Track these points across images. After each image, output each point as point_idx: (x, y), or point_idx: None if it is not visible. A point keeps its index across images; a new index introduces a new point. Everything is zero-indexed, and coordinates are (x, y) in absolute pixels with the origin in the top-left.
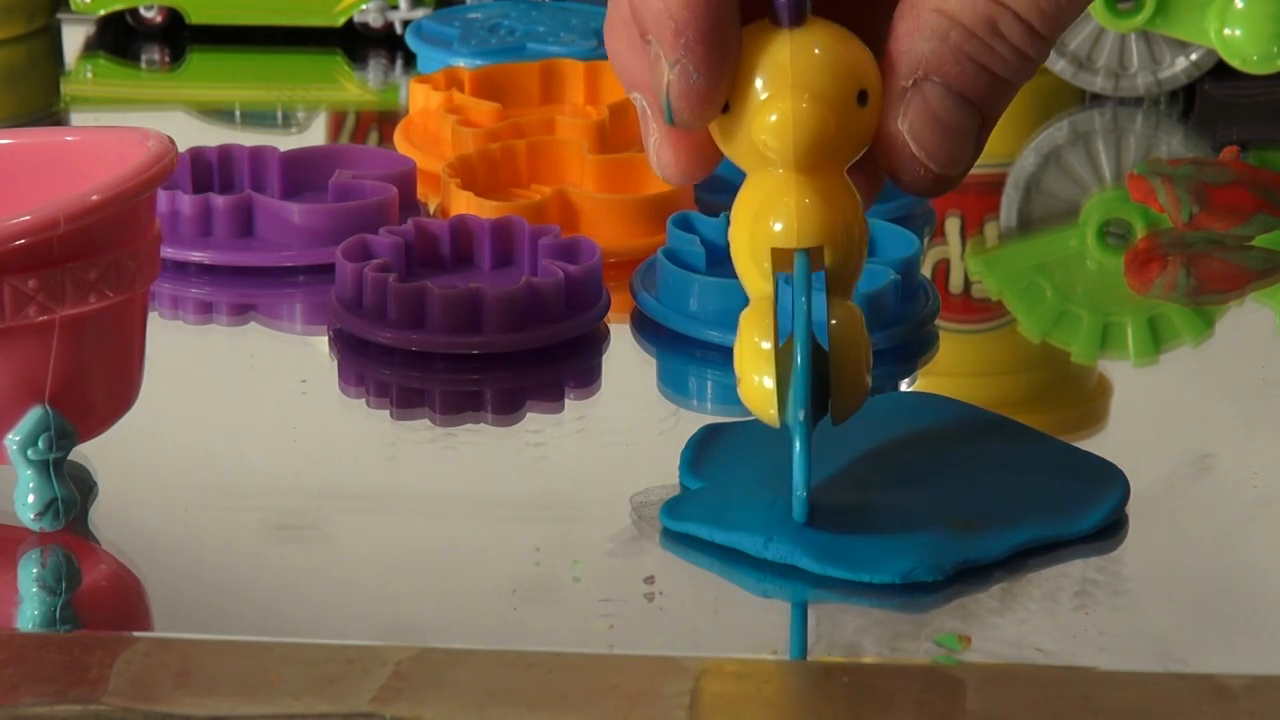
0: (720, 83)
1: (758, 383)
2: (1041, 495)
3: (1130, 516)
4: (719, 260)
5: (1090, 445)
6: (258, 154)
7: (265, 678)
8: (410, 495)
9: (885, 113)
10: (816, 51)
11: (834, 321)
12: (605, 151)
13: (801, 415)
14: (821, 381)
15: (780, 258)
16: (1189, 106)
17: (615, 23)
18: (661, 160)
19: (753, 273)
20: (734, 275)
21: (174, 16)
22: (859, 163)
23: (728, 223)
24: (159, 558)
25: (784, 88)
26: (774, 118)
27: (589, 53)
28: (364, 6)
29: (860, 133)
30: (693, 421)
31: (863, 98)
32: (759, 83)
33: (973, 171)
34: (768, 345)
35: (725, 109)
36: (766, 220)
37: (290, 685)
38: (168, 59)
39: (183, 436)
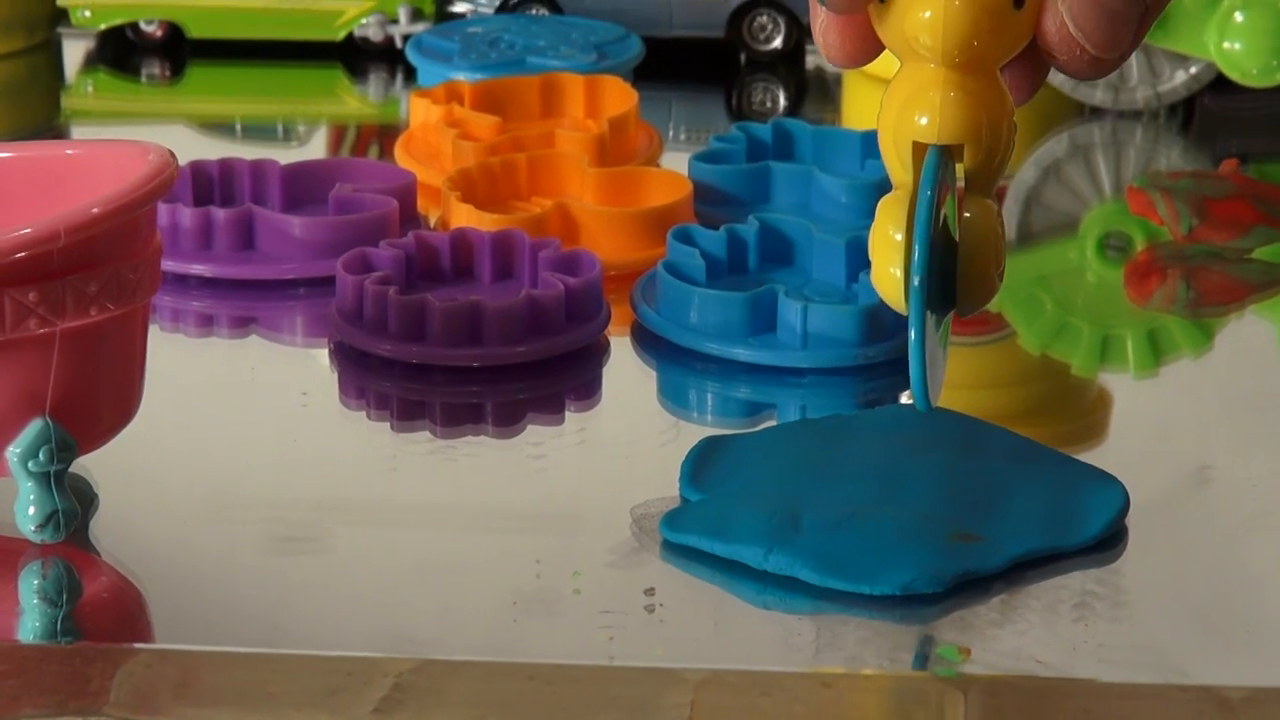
0: None
1: (889, 272)
2: (1041, 507)
3: (1130, 528)
4: (719, 273)
5: (1090, 457)
6: (258, 167)
7: (265, 689)
8: (411, 507)
9: None
10: None
11: (967, 215)
12: (605, 165)
13: (915, 305)
14: (947, 275)
15: (921, 151)
16: (1188, 120)
17: None
18: (827, 42)
19: (894, 162)
20: (733, 288)
21: (174, 31)
22: (1020, 57)
23: (727, 236)
24: (159, 569)
25: None
26: (927, 14)
27: (589, 66)
28: (364, 21)
29: (1015, 34)
30: (693, 434)
31: (1019, 1)
32: None
33: None
34: (900, 236)
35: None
36: (911, 112)
37: (291, 697)
38: (168, 73)
39: (183, 449)
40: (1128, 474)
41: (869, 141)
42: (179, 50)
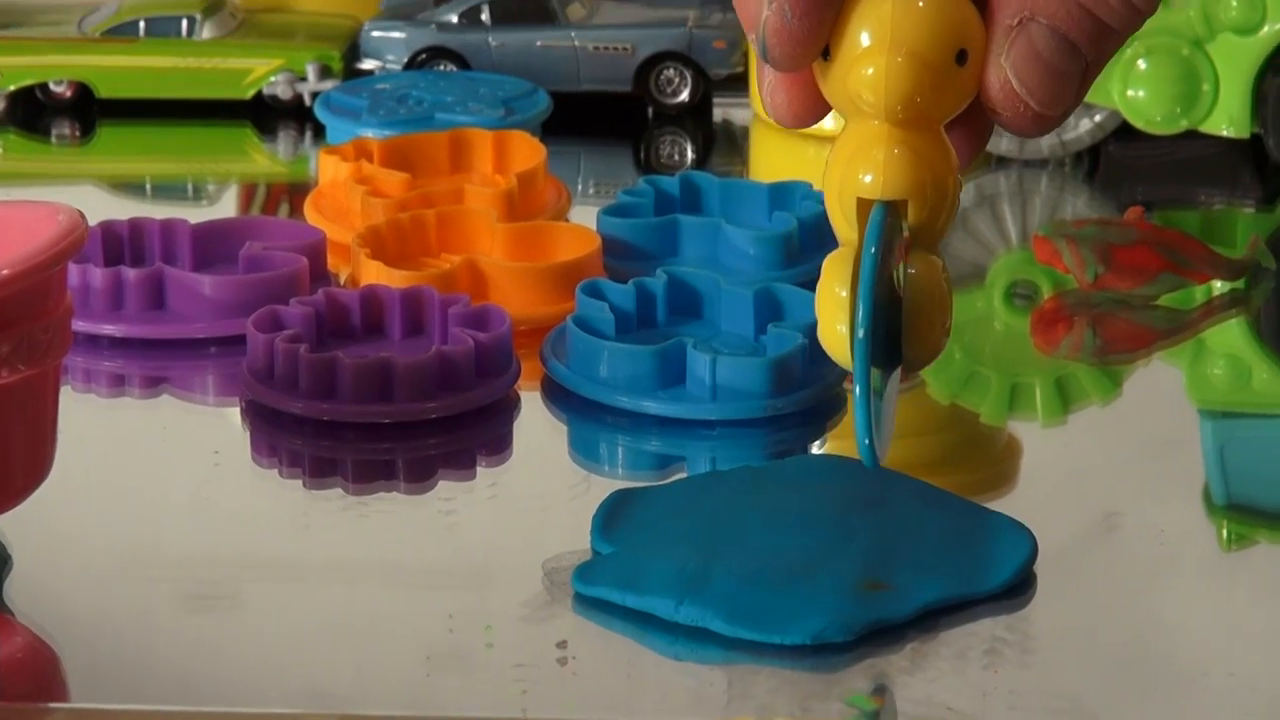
0: (817, 28)
1: (836, 330)
2: (950, 555)
3: (1039, 575)
4: (628, 327)
5: (1000, 505)
6: (168, 227)
7: None
8: (324, 564)
9: (989, 51)
10: (919, 6)
11: (912, 270)
12: (514, 220)
13: (859, 360)
14: (893, 331)
15: (866, 208)
16: (1094, 168)
17: None
18: (775, 104)
19: (840, 219)
20: (642, 342)
21: (83, 91)
22: (965, 116)
23: (636, 290)
24: (75, 629)
25: (882, 42)
26: (870, 71)
27: (497, 122)
28: (273, 79)
29: (958, 91)
30: (604, 487)
31: (962, 57)
32: (859, 33)
33: None
34: (845, 293)
35: (826, 55)
36: (856, 169)
37: None
38: (78, 133)
39: (97, 508)
40: (1037, 521)
41: (776, 194)
42: (89, 110)
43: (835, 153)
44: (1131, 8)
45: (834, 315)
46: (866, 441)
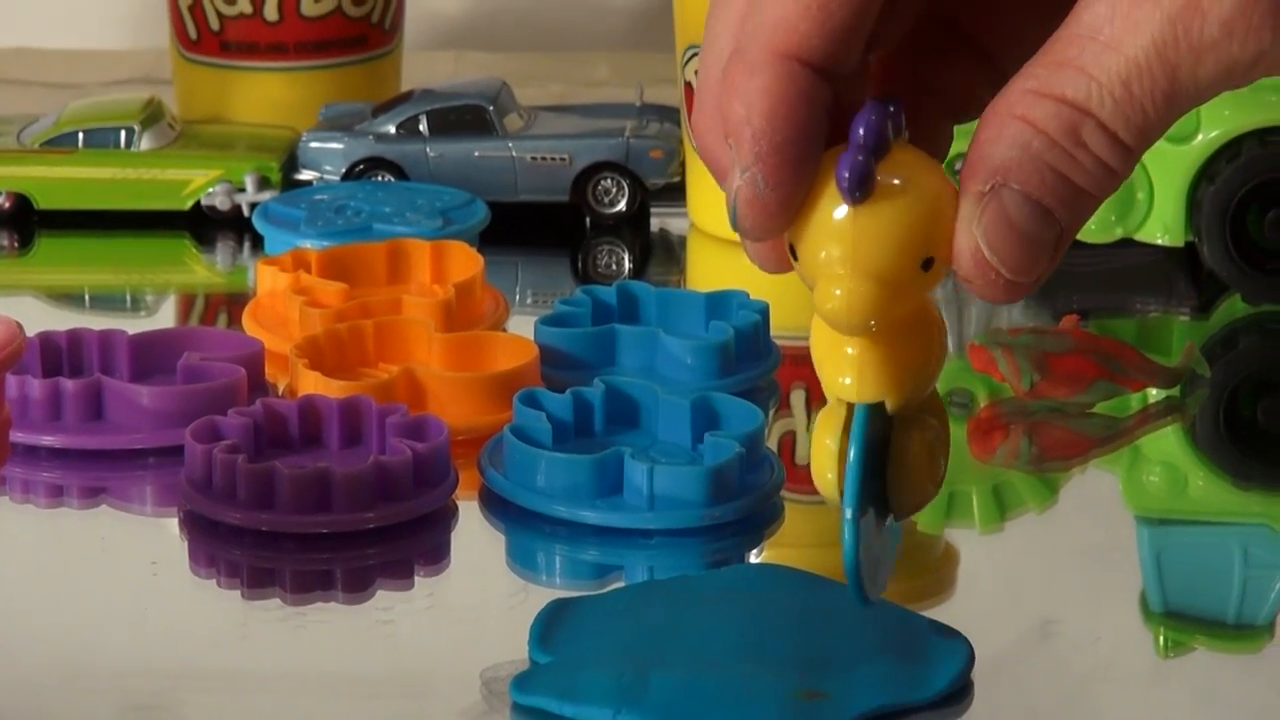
0: (788, 200)
1: (827, 476)
2: (887, 663)
3: (976, 683)
4: (565, 437)
5: (937, 613)
6: (106, 338)
7: None
8: (263, 674)
9: (960, 218)
10: (882, 225)
11: (901, 442)
12: (452, 330)
13: (848, 539)
14: (879, 494)
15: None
16: None
17: (707, 107)
18: (750, 253)
19: (826, 377)
20: (580, 451)
21: (22, 202)
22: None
23: (573, 399)
24: None
25: (845, 261)
26: (836, 292)
27: (435, 232)
28: (211, 190)
29: (925, 287)
30: (541, 596)
31: (928, 264)
32: (820, 245)
33: None
34: (833, 444)
35: (793, 254)
36: (835, 370)
37: None
38: (16, 244)
39: (35, 620)
40: (974, 629)
41: (713, 303)
42: (27, 221)
43: (816, 327)
44: (1106, 169)
45: (825, 464)
46: (857, 592)
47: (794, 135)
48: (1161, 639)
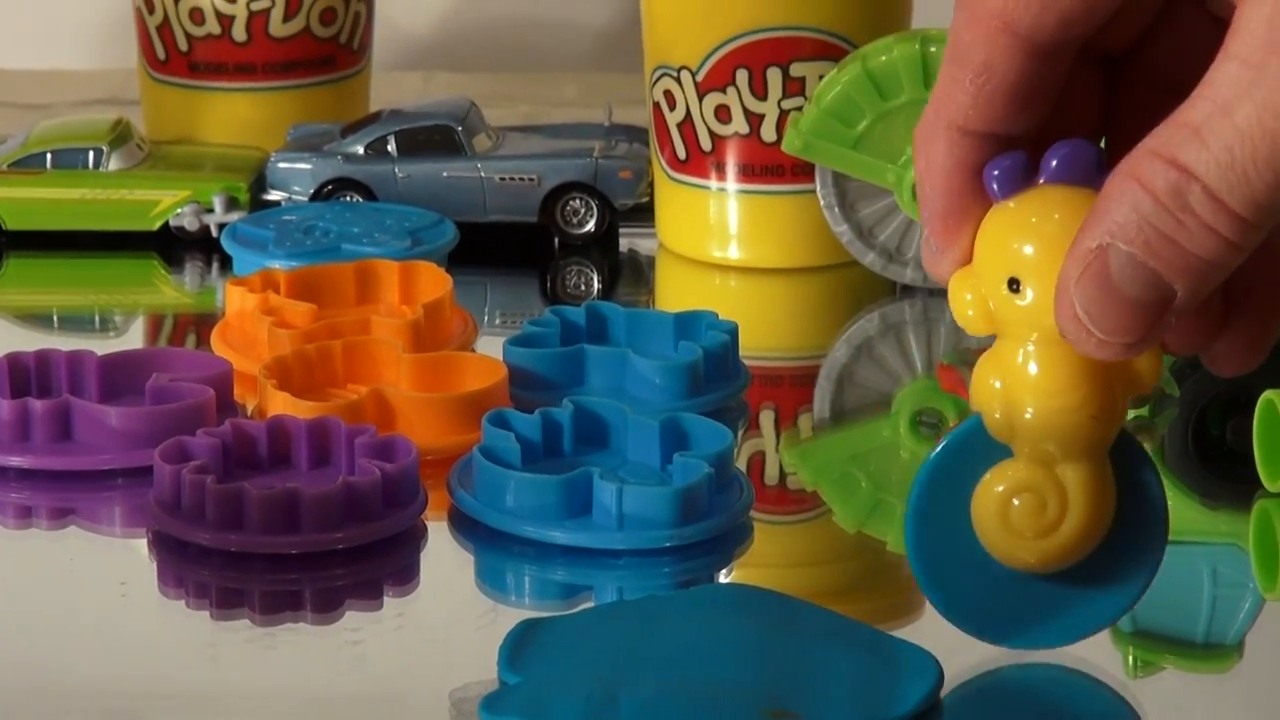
0: (950, 253)
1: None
2: (856, 684)
3: (945, 703)
4: (534, 457)
5: (906, 633)
6: (75, 358)
7: None
8: (231, 695)
9: (1062, 271)
10: (986, 231)
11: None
12: (420, 350)
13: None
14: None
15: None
16: None
17: None
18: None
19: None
20: (549, 471)
21: None
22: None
23: (542, 420)
24: None
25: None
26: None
27: (403, 253)
28: (180, 210)
29: (1012, 308)
30: (511, 617)
31: (1014, 284)
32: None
33: (785, 364)
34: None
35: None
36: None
37: None
38: None
39: (2, 641)
40: (943, 649)
41: (682, 323)
42: None
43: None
44: (1218, 236)
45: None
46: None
47: (950, 203)
48: (1131, 658)
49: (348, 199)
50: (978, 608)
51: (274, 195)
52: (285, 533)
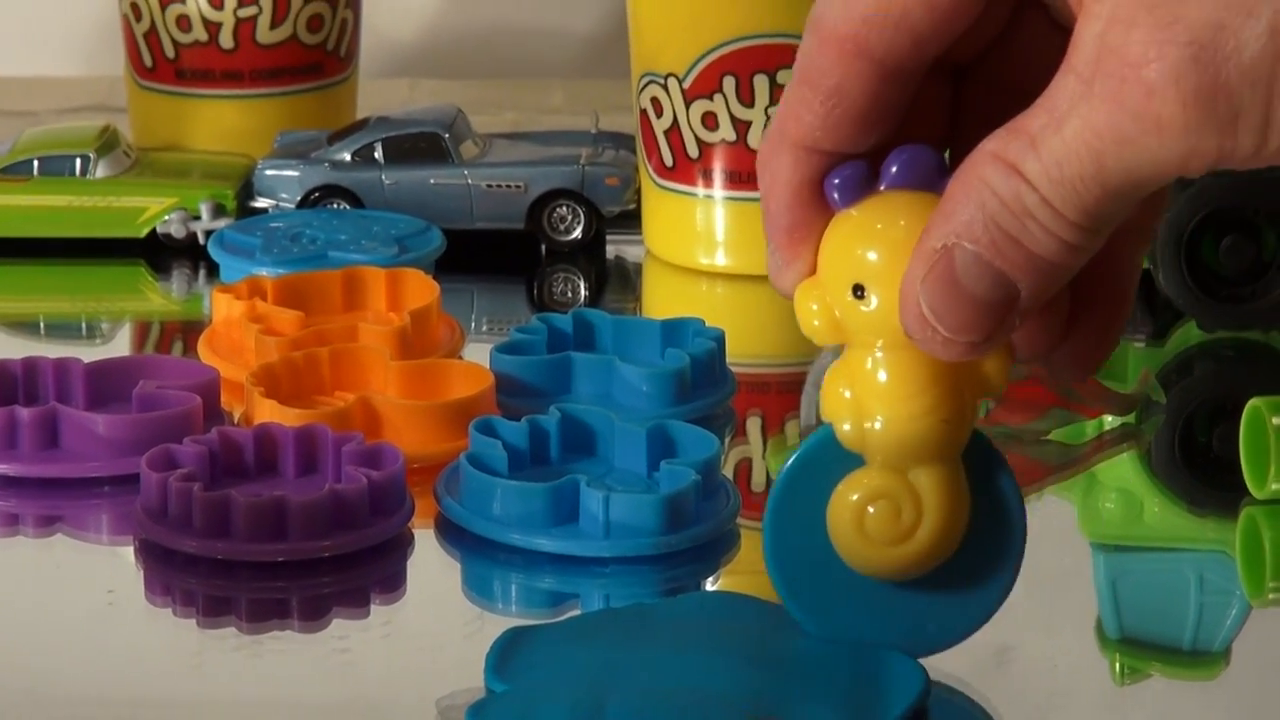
0: (795, 265)
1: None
2: (842, 691)
3: (931, 710)
4: (521, 464)
5: None
6: (62, 366)
7: None
8: (218, 704)
9: (908, 270)
10: (828, 240)
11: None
12: (407, 357)
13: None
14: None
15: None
16: None
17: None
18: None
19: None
20: (535, 479)
21: None
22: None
23: (529, 427)
24: None
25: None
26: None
27: (390, 260)
28: (166, 217)
29: (856, 315)
30: (497, 625)
31: (858, 290)
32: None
33: (771, 371)
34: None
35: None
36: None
37: None
38: None
39: None
40: (929, 657)
41: (669, 330)
42: None
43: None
44: (1060, 240)
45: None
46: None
47: (791, 218)
48: (1118, 665)
49: (335, 206)
50: (840, 618)
51: (261, 202)
52: (272, 541)
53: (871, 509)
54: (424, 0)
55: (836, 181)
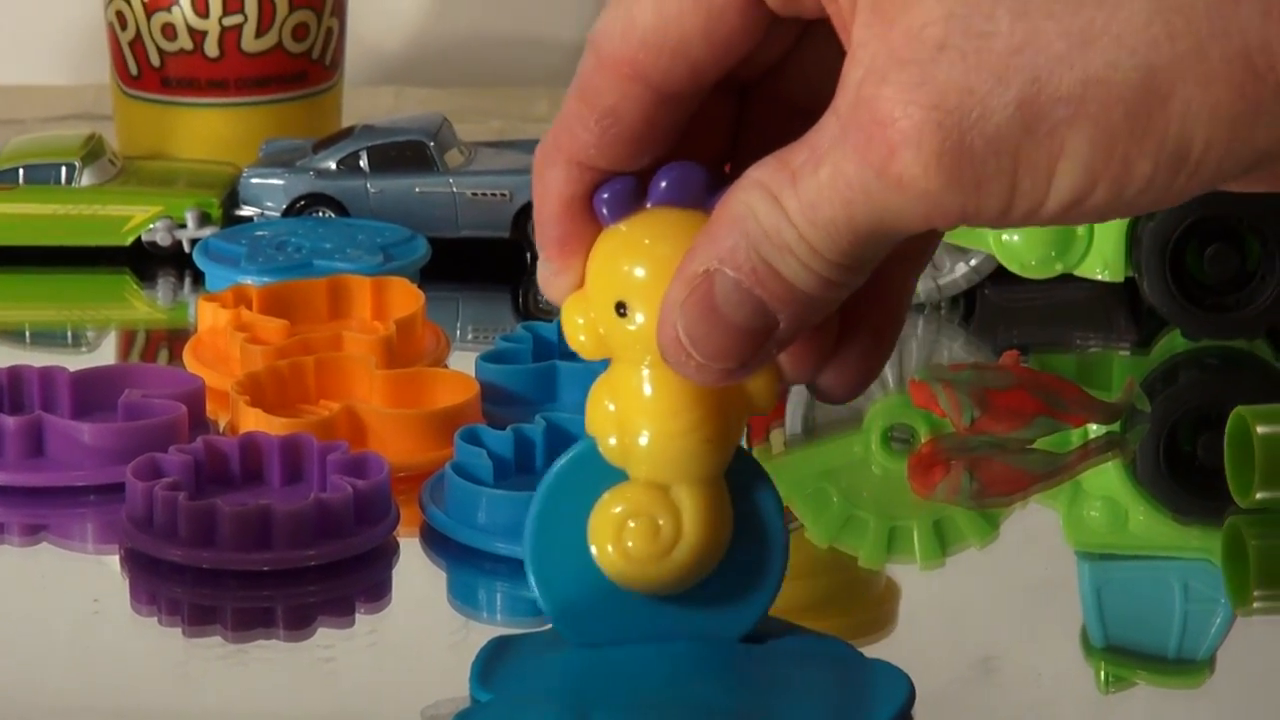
0: (565, 276)
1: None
2: (826, 700)
3: (916, 719)
4: (506, 473)
5: (878, 648)
6: (47, 374)
7: None
8: (203, 713)
9: (668, 293)
10: (594, 258)
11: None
12: (393, 366)
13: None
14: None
15: None
16: (969, 312)
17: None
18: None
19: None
20: (521, 488)
21: None
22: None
23: (514, 436)
24: None
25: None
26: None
27: (375, 268)
28: (152, 226)
29: (621, 332)
30: (482, 633)
31: (621, 308)
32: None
33: None
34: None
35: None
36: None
37: None
38: None
39: None
40: (915, 664)
41: None
42: None
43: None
44: (818, 276)
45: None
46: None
47: (563, 227)
48: (1102, 674)
49: (320, 214)
50: (602, 629)
51: (246, 211)
52: (257, 549)
53: (632, 524)
54: (409, 9)
55: (605, 196)
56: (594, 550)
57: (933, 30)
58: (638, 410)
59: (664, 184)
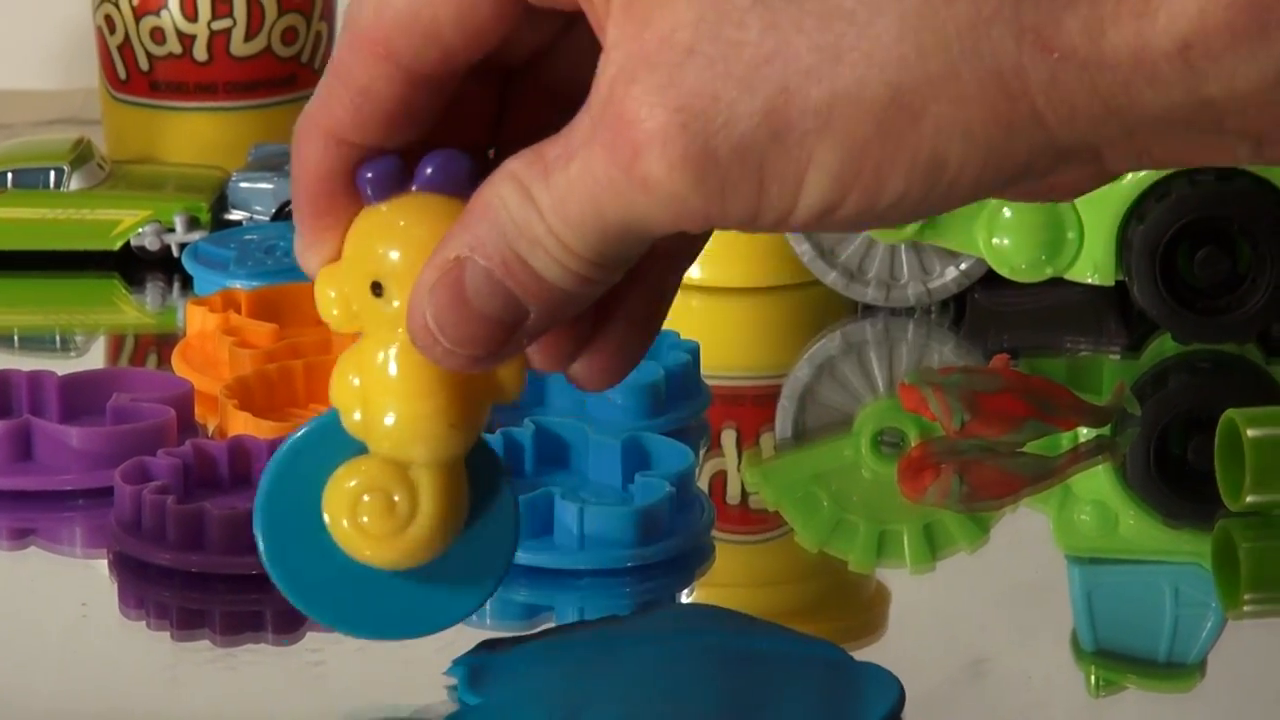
0: (318, 249)
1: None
2: (818, 704)
3: None
4: None
5: (868, 652)
6: (35, 378)
7: None
8: (192, 717)
9: (419, 278)
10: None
11: None
12: None
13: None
14: None
15: None
16: (959, 315)
17: None
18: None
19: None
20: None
21: None
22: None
23: (504, 440)
24: None
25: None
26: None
27: None
28: (141, 230)
29: (377, 313)
30: (471, 637)
31: (377, 288)
32: None
33: (746, 384)
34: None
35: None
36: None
37: None
38: None
39: None
40: (905, 668)
41: None
42: None
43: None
44: (569, 272)
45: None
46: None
47: (315, 199)
48: (1093, 678)
49: None
50: (333, 599)
51: (235, 215)
52: (246, 553)
53: (367, 498)
54: None
55: (369, 176)
56: (327, 520)
57: (682, 35)
58: (384, 389)
59: (429, 170)
